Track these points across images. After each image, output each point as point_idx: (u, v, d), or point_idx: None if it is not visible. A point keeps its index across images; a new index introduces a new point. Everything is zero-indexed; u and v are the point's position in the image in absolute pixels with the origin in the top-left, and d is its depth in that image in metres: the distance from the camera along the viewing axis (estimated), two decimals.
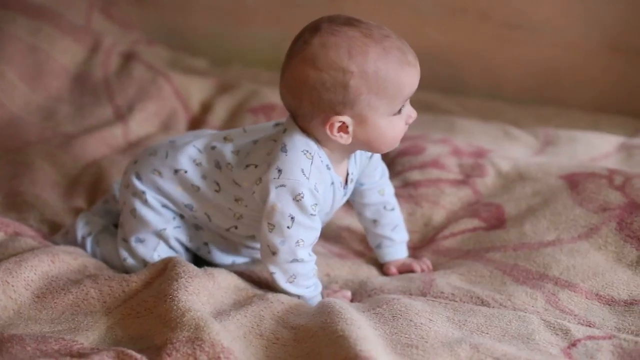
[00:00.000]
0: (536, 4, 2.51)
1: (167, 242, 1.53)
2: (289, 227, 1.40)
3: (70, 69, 2.36)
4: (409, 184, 1.86)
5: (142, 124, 2.24)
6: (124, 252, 1.54)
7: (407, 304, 1.38)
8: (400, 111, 1.40)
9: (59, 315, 1.39)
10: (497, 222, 1.71)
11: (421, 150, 1.96)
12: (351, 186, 1.53)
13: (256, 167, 1.44)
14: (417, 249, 1.73)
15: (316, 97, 1.36)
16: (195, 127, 2.28)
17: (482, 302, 1.45)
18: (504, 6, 2.54)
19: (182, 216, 1.55)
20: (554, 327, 1.36)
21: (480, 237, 1.69)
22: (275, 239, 1.41)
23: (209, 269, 1.46)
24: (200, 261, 1.58)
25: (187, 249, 1.58)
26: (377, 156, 1.58)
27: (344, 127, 1.38)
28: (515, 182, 1.82)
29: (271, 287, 1.49)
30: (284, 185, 1.39)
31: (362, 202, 1.61)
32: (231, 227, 1.52)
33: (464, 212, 1.77)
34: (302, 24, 1.41)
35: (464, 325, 1.36)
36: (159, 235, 1.52)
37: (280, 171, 1.40)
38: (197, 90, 2.37)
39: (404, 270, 1.63)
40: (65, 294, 1.41)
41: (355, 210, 1.66)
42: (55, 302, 1.41)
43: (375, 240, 1.65)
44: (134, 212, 1.52)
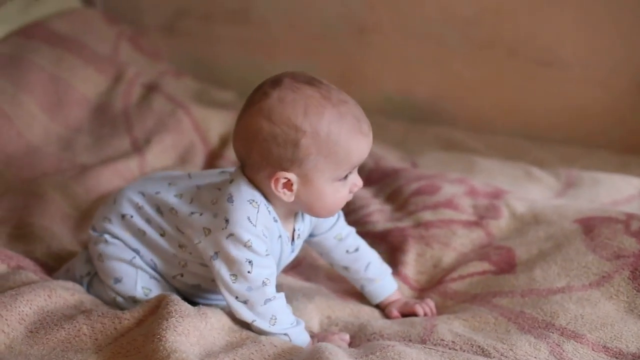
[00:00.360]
0: (564, 41, 2.47)
1: (144, 270, 1.51)
2: (249, 271, 1.38)
3: (91, 99, 2.36)
4: (421, 224, 1.82)
5: (158, 156, 2.22)
6: (111, 294, 1.52)
7: (401, 352, 1.34)
8: (346, 177, 1.40)
9: (49, 351, 1.37)
10: (507, 266, 1.66)
11: (437, 189, 1.92)
12: (298, 242, 1.51)
13: (201, 214, 1.43)
14: (423, 290, 1.69)
15: (266, 150, 1.36)
16: (213, 161, 2.27)
17: (483, 352, 1.40)
18: (532, 43, 2.51)
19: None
20: None
21: (488, 281, 1.64)
22: (241, 288, 1.39)
23: (203, 309, 1.43)
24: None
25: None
26: None
27: (289, 185, 1.38)
28: (529, 225, 1.77)
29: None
30: (232, 234, 1.38)
31: (324, 253, 1.60)
32: (177, 274, 1.50)
33: (474, 255, 1.73)
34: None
35: None
36: (133, 264, 1.50)
37: (227, 221, 1.39)
38: (217, 123, 2.36)
39: (407, 312, 1.59)
40: (57, 329, 1.40)
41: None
42: (47, 338, 1.39)
43: (356, 284, 1.63)
44: (100, 257, 1.52)
